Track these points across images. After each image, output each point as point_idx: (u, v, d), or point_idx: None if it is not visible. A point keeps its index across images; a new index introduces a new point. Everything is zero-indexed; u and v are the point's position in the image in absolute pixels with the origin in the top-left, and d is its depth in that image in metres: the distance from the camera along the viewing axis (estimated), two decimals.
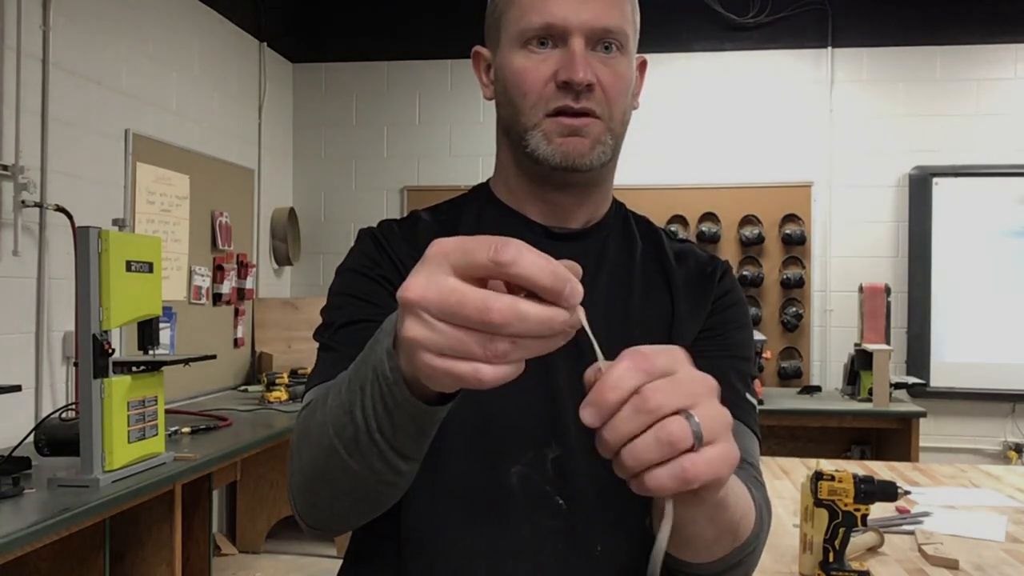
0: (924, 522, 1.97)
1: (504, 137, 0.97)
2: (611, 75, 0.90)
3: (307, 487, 0.77)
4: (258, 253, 4.71)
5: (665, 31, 4.80)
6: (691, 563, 0.77)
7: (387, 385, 0.62)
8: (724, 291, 0.99)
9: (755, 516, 0.79)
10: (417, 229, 0.98)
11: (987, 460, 4.52)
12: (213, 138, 4.21)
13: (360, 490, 0.72)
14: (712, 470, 0.54)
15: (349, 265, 0.96)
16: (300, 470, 0.76)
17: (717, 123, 4.83)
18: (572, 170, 0.90)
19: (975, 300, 4.60)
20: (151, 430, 2.42)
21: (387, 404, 0.63)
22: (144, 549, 2.61)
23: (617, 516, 0.88)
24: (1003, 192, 4.59)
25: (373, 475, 0.69)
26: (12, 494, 2.11)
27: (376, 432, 0.65)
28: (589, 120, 0.89)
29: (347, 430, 0.67)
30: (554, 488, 0.87)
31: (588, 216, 0.98)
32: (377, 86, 5.09)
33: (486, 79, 0.99)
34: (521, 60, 0.91)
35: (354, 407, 0.66)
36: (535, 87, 0.90)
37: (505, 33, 0.93)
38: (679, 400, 0.53)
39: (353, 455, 0.68)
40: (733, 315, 0.98)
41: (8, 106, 2.82)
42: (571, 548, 0.87)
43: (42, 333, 2.97)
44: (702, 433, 0.53)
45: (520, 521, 0.86)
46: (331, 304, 0.94)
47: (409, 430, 0.65)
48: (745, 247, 4.75)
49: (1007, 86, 4.65)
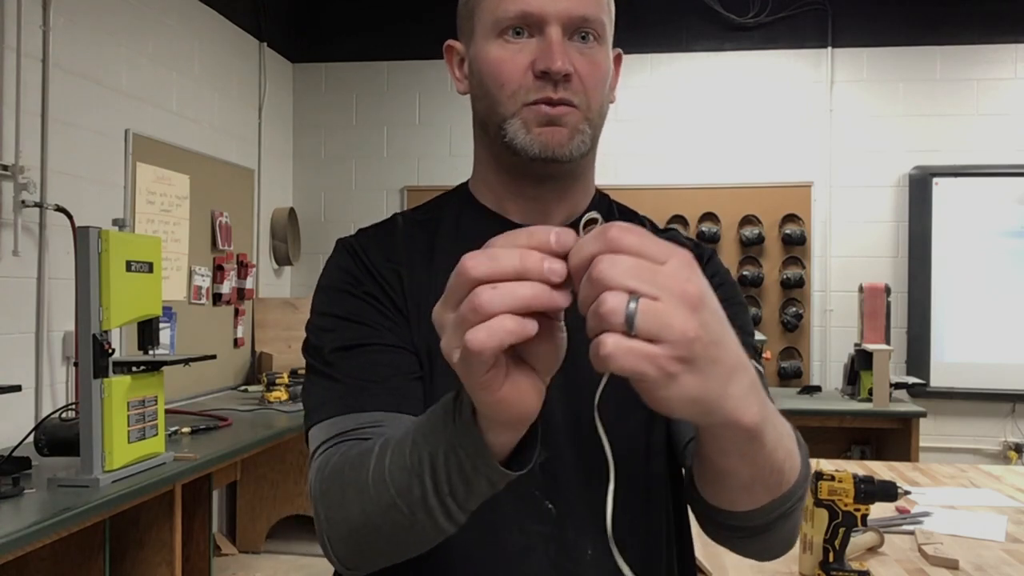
0: (924, 522, 1.97)
1: (481, 132, 0.95)
2: (588, 64, 0.88)
3: (356, 539, 0.74)
4: (258, 253, 4.71)
5: (665, 31, 4.80)
6: (733, 511, 0.75)
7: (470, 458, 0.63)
8: (712, 273, 0.97)
9: (800, 461, 0.74)
10: (394, 236, 0.96)
11: (987, 460, 4.52)
12: (213, 138, 4.21)
13: (417, 541, 0.72)
14: (629, 361, 0.51)
15: (331, 282, 0.93)
16: (344, 521, 0.74)
17: (717, 123, 4.83)
18: (551, 160, 0.88)
19: (975, 300, 4.60)
20: (151, 430, 2.42)
21: (466, 475, 0.64)
22: (144, 549, 2.61)
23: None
24: (1003, 192, 4.59)
25: (436, 529, 0.69)
26: (12, 494, 2.12)
27: (448, 496, 0.66)
28: (567, 109, 0.87)
29: (414, 492, 0.67)
30: (543, 493, 0.86)
31: (569, 211, 0.96)
32: (377, 86, 5.09)
33: (459, 73, 0.97)
34: (497, 50, 0.88)
35: (422, 473, 0.67)
36: (513, 77, 0.87)
37: (479, 23, 0.90)
38: (628, 280, 0.51)
39: (417, 513, 0.68)
40: (724, 293, 0.95)
41: (8, 106, 2.82)
42: (562, 553, 0.86)
43: (42, 333, 2.97)
44: (635, 320, 0.50)
45: (509, 527, 0.85)
46: (318, 324, 0.92)
47: (485, 492, 0.66)
48: (745, 247, 4.75)
49: (1007, 86, 4.65)
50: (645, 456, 0.91)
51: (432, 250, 0.95)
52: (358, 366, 0.86)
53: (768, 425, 0.65)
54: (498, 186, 0.96)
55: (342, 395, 0.85)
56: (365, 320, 0.89)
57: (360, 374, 0.86)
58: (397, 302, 0.91)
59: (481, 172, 0.99)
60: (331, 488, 0.76)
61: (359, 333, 0.88)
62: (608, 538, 0.64)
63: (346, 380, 0.86)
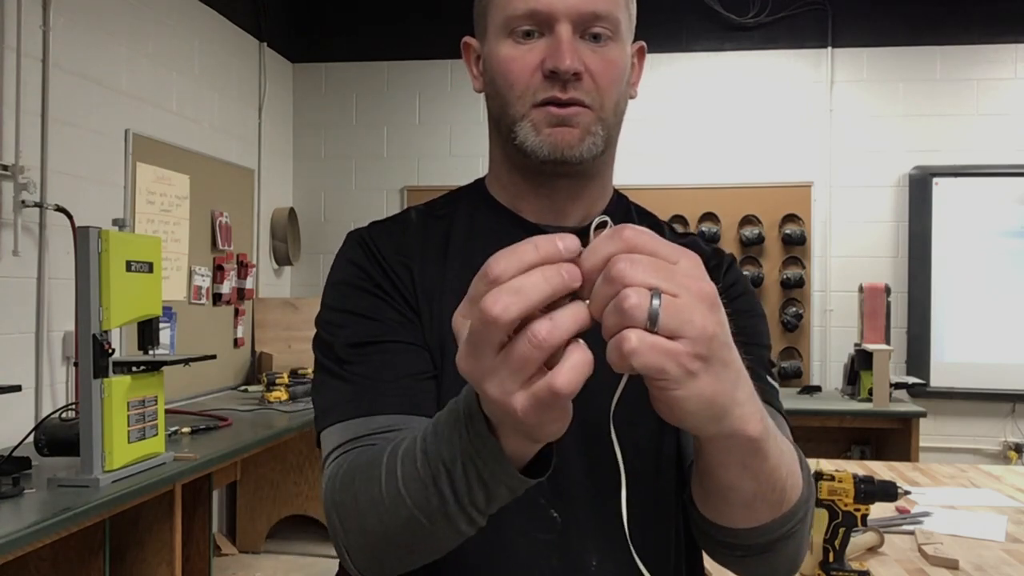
0: (924, 522, 1.97)
1: (495, 130, 0.94)
2: (601, 62, 0.85)
3: (376, 549, 0.74)
4: (258, 253, 4.71)
5: (665, 31, 4.80)
6: (734, 528, 0.74)
7: (488, 467, 0.62)
8: (731, 282, 0.96)
9: (803, 479, 0.74)
10: (407, 231, 0.95)
11: (987, 460, 4.52)
12: (213, 138, 4.20)
13: (437, 547, 0.72)
14: (653, 357, 0.51)
15: (342, 277, 0.92)
16: (362, 533, 0.73)
17: (717, 123, 4.83)
18: (562, 162, 0.86)
19: (975, 300, 4.60)
20: (151, 430, 2.42)
21: (486, 483, 0.63)
22: (144, 549, 2.61)
23: (613, 528, 0.85)
24: (1003, 192, 4.59)
25: (457, 533, 0.69)
26: (12, 494, 2.11)
27: (469, 505, 0.66)
28: (578, 109, 0.85)
29: (432, 503, 0.67)
30: (549, 502, 0.85)
31: (585, 212, 0.94)
32: (377, 86, 5.09)
33: (476, 71, 0.96)
34: (507, 49, 0.87)
35: (440, 484, 0.66)
36: (522, 77, 0.86)
37: (491, 22, 0.89)
38: (649, 277, 0.51)
39: (437, 522, 0.68)
40: (743, 304, 0.95)
41: (8, 106, 2.82)
42: (566, 562, 0.85)
43: (42, 333, 2.97)
44: (659, 316, 0.50)
45: (514, 535, 0.84)
46: (329, 320, 0.90)
47: (505, 498, 0.66)
48: (745, 247, 4.75)
49: (1007, 86, 4.65)
50: (655, 465, 0.89)
51: (446, 246, 0.93)
52: (370, 365, 0.84)
53: (770, 438, 0.65)
54: (512, 185, 0.95)
55: (354, 397, 0.83)
56: (377, 316, 0.87)
57: (372, 374, 0.84)
58: (408, 298, 0.89)
59: (496, 170, 0.97)
60: (344, 499, 0.75)
61: (371, 330, 0.86)
62: (627, 541, 0.64)
63: (358, 380, 0.84)
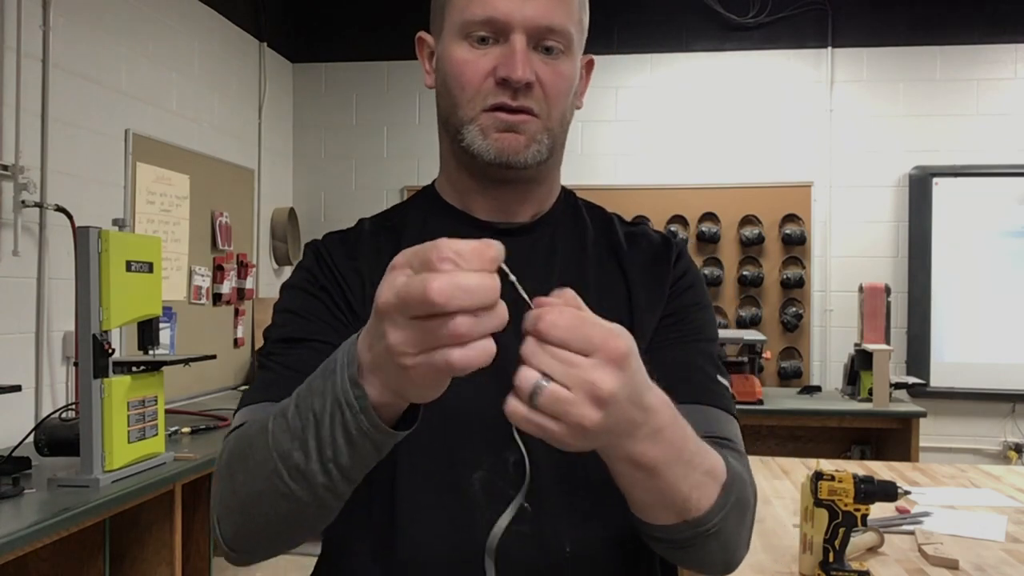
0: (924, 522, 1.97)
1: (443, 129, 0.96)
2: (552, 75, 0.88)
3: (239, 511, 0.76)
4: (258, 253, 4.71)
5: (665, 31, 4.80)
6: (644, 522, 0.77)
7: (352, 414, 0.63)
8: (680, 274, 0.97)
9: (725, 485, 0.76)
10: (360, 240, 0.98)
11: (987, 460, 4.52)
12: (213, 138, 4.21)
13: (296, 515, 0.72)
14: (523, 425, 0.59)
15: (292, 281, 0.96)
16: (232, 493, 0.76)
17: (717, 123, 4.83)
18: (507, 166, 0.89)
19: (975, 300, 4.60)
20: (151, 430, 2.42)
21: (350, 433, 0.64)
22: (144, 549, 2.61)
23: (584, 515, 0.87)
24: (1003, 192, 4.59)
25: (315, 500, 0.70)
26: (12, 494, 2.11)
27: (330, 462, 0.66)
28: (526, 117, 0.87)
29: (294, 457, 0.68)
30: (518, 491, 0.85)
31: (535, 210, 0.97)
32: (377, 86, 5.09)
33: (428, 66, 0.98)
34: (462, 52, 0.88)
35: (306, 435, 0.66)
36: (473, 81, 0.88)
37: (448, 21, 0.90)
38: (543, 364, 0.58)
39: (298, 481, 0.68)
40: (692, 297, 0.97)
41: (8, 106, 2.82)
42: (540, 551, 0.86)
43: (42, 333, 2.97)
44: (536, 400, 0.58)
45: (486, 527, 0.84)
46: (272, 321, 0.94)
47: (368, 457, 0.67)
48: (745, 247, 4.75)
49: (1007, 86, 4.65)
50: None
51: (397, 252, 0.95)
52: (292, 358, 0.87)
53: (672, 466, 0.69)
54: (461, 184, 0.96)
55: (269, 385, 0.86)
56: (312, 316, 0.91)
57: (292, 365, 0.86)
58: (353, 304, 0.92)
59: (445, 170, 0.99)
60: (224, 464, 0.78)
61: (302, 328, 0.90)
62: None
63: (278, 371, 0.87)
